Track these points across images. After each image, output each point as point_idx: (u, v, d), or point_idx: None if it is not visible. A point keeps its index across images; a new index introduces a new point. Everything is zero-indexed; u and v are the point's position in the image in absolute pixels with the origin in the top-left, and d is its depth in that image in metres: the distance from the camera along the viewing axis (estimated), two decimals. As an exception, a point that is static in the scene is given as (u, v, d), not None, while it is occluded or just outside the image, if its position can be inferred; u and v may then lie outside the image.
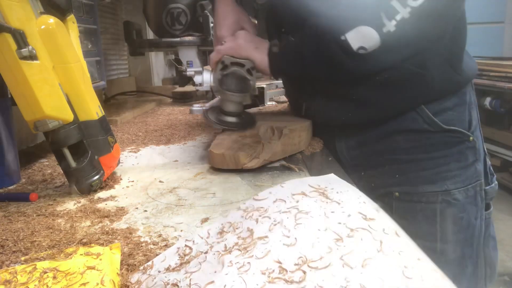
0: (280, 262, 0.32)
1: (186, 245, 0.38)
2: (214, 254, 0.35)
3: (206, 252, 0.36)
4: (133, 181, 0.66)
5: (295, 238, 0.35)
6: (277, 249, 0.34)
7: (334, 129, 0.77)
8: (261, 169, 0.69)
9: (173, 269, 0.35)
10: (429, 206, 0.68)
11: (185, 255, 0.36)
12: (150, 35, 1.72)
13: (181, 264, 0.35)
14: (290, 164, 0.69)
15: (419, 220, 0.68)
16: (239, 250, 0.35)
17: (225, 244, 0.36)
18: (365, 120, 0.71)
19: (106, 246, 0.41)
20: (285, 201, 0.42)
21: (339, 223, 0.37)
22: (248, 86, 0.73)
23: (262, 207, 0.41)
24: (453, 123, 0.67)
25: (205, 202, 0.55)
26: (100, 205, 0.56)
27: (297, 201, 0.41)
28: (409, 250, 0.35)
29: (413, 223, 0.68)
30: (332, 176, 0.50)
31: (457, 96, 0.68)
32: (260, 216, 0.40)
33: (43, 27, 0.53)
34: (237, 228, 0.38)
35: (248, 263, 0.33)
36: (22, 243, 0.44)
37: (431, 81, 0.65)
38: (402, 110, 0.68)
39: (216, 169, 0.69)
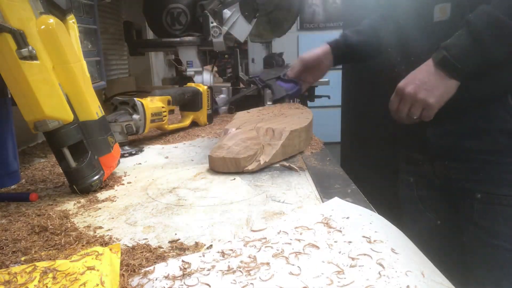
0: None
1: (183, 261, 0.38)
2: (217, 272, 0.36)
3: (209, 269, 0.36)
4: (133, 181, 0.66)
5: (299, 267, 0.36)
6: (281, 276, 0.35)
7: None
8: (261, 169, 0.69)
9: (174, 278, 0.35)
10: (509, 209, 0.68)
11: (185, 268, 0.37)
12: (150, 35, 1.72)
13: (183, 275, 0.36)
14: (290, 164, 0.69)
15: (499, 222, 0.69)
16: (242, 272, 0.36)
17: (228, 265, 0.37)
18: (462, 102, 0.68)
19: (106, 246, 0.41)
20: (287, 233, 0.43)
21: (340, 252, 0.38)
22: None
23: (264, 238, 0.42)
24: None
25: (205, 202, 0.55)
26: (100, 205, 0.56)
27: (301, 233, 0.42)
28: (413, 266, 0.36)
29: (493, 225, 0.69)
30: (336, 200, 0.51)
31: None
32: (262, 245, 0.40)
33: (43, 27, 0.53)
34: (239, 255, 0.39)
35: (252, 284, 0.34)
36: (22, 243, 0.44)
37: None
38: (492, 95, 0.67)
39: (216, 169, 0.69)
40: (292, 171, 0.67)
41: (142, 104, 0.86)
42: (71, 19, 0.62)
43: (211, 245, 0.42)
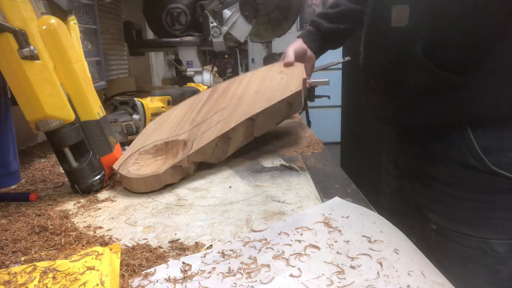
0: None
1: (184, 262, 0.38)
2: (218, 275, 0.36)
3: (209, 272, 0.36)
4: (133, 181, 0.66)
5: (299, 269, 0.36)
6: (282, 278, 0.35)
7: (396, 132, 0.74)
8: (261, 169, 0.69)
9: (175, 281, 0.35)
10: (461, 248, 0.62)
11: (186, 271, 0.37)
12: (150, 35, 1.72)
13: (184, 278, 0.36)
14: (291, 164, 0.69)
15: (450, 259, 0.63)
16: (242, 274, 0.36)
17: (229, 267, 0.37)
18: (416, 125, 0.66)
19: (106, 246, 0.41)
20: (288, 234, 0.43)
21: (340, 252, 0.38)
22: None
23: (265, 239, 0.42)
24: (506, 167, 0.57)
25: (205, 202, 0.55)
26: (100, 205, 0.56)
27: (301, 234, 0.42)
28: (414, 266, 0.36)
29: (445, 261, 0.64)
30: (336, 200, 0.51)
31: None
32: (263, 246, 0.40)
33: (44, 27, 0.53)
34: (239, 256, 0.39)
35: (252, 287, 0.34)
36: (22, 243, 0.44)
37: (478, 97, 0.57)
38: (450, 123, 0.61)
39: (216, 169, 0.69)
40: (292, 171, 0.67)
41: (142, 104, 0.87)
42: (72, 20, 0.62)
43: (211, 245, 0.42)
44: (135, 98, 0.87)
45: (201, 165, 0.69)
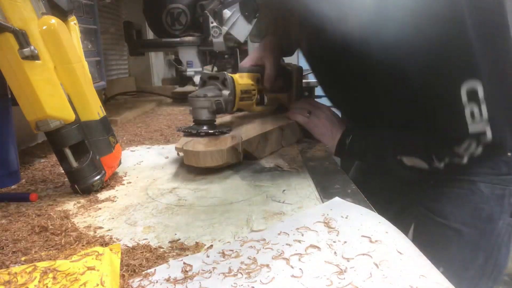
0: None
1: (185, 263, 0.38)
2: (219, 275, 0.36)
3: (210, 272, 0.36)
4: (133, 181, 0.66)
5: (300, 269, 0.36)
6: (282, 278, 0.35)
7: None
8: (261, 169, 0.69)
9: (175, 281, 0.35)
10: (454, 190, 0.75)
11: (187, 271, 0.37)
12: (150, 35, 1.72)
13: (184, 278, 0.36)
14: (285, 164, 0.70)
15: (444, 203, 0.76)
16: (242, 274, 0.36)
17: (229, 267, 0.37)
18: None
19: (106, 246, 0.41)
20: (288, 234, 0.43)
21: (340, 252, 0.38)
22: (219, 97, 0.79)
23: (263, 239, 0.42)
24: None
25: (205, 202, 0.55)
26: (100, 205, 0.56)
27: (302, 234, 0.42)
28: (413, 266, 0.36)
29: (438, 205, 0.77)
30: (336, 200, 0.51)
31: None
32: (262, 247, 0.40)
33: (45, 27, 0.54)
34: (240, 256, 0.39)
35: (252, 287, 0.34)
36: (22, 243, 0.44)
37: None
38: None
39: (216, 169, 0.69)
40: (292, 171, 0.67)
41: (233, 79, 0.80)
42: (73, 21, 0.62)
43: (211, 245, 0.42)
44: (225, 72, 0.80)
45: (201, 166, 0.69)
